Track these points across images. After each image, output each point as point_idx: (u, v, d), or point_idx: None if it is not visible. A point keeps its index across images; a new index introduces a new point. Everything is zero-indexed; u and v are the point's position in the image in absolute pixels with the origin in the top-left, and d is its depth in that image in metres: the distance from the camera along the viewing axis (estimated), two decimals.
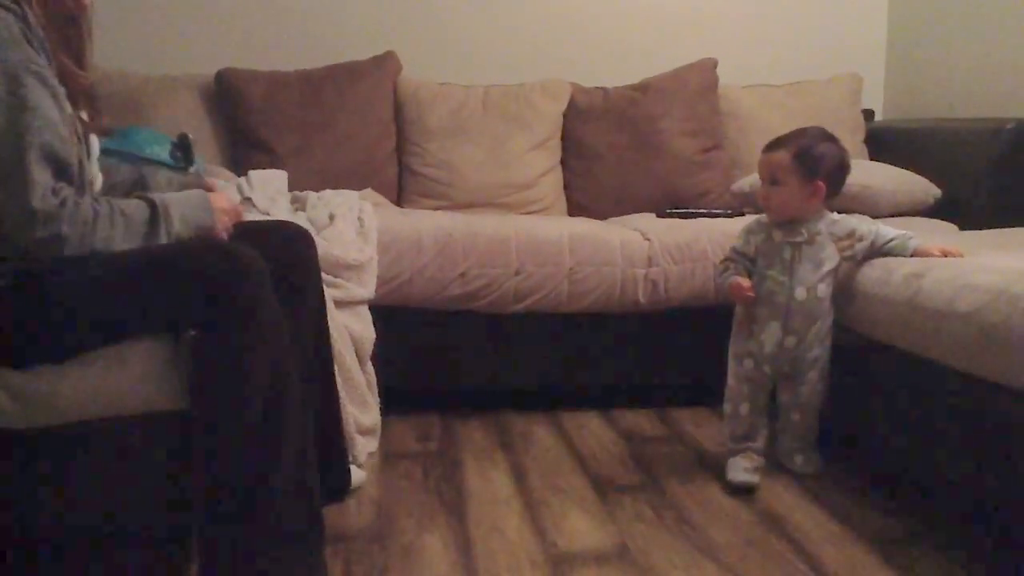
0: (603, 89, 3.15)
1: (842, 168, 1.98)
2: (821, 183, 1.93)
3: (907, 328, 1.79)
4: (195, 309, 1.36)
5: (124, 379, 1.41)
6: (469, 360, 2.49)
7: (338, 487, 1.89)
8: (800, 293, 1.95)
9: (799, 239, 1.96)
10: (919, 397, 1.81)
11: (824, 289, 1.97)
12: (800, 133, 1.98)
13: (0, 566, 1.49)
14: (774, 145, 1.98)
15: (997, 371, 1.54)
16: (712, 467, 2.12)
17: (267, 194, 2.43)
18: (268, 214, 2.31)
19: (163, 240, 1.45)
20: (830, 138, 1.99)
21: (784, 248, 1.97)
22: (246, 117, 2.93)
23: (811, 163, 1.93)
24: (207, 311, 1.36)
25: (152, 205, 1.45)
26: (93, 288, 1.37)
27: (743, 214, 2.76)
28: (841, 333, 2.02)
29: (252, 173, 2.52)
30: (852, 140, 3.16)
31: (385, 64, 3.09)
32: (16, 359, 1.38)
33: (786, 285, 1.96)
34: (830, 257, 1.97)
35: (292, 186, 2.62)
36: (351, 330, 2.11)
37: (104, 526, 1.46)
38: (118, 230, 1.40)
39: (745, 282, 1.97)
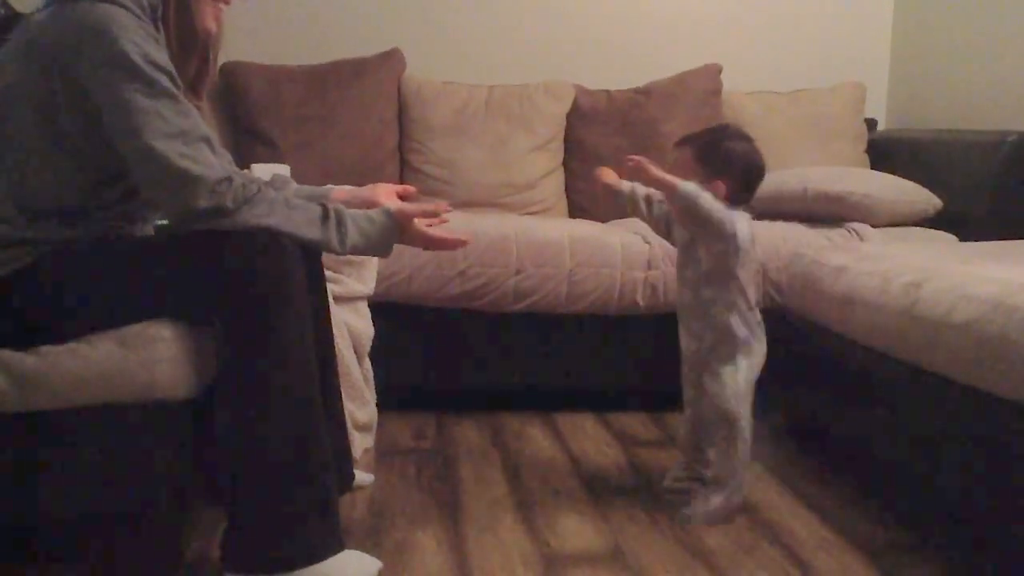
0: (606, 92, 3.15)
1: (750, 170, 1.84)
2: (720, 182, 1.80)
3: (904, 338, 1.79)
4: (224, 293, 1.40)
5: (128, 365, 1.42)
6: (466, 359, 2.49)
7: (341, 483, 1.90)
8: (685, 295, 1.87)
9: (685, 239, 1.88)
10: (916, 406, 1.81)
11: (709, 293, 1.83)
12: (711, 130, 1.89)
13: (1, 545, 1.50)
14: (682, 140, 1.87)
15: (993, 382, 1.54)
16: None
17: None
18: None
19: (335, 244, 1.51)
20: (742, 138, 1.86)
21: (680, 247, 1.90)
22: (249, 111, 2.93)
23: (712, 161, 1.81)
24: (236, 295, 1.40)
25: (324, 208, 1.51)
26: (115, 271, 1.43)
27: None
28: (840, 343, 2.02)
29: (255, 166, 2.52)
30: (854, 149, 3.17)
31: (389, 61, 3.09)
32: (23, 340, 1.40)
33: (679, 285, 1.91)
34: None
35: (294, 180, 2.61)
36: (350, 326, 2.11)
37: (103, 509, 1.47)
38: (278, 216, 1.45)
39: (611, 176, 1.91)
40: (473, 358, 2.49)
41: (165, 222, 1.64)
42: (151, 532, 1.50)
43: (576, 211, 3.07)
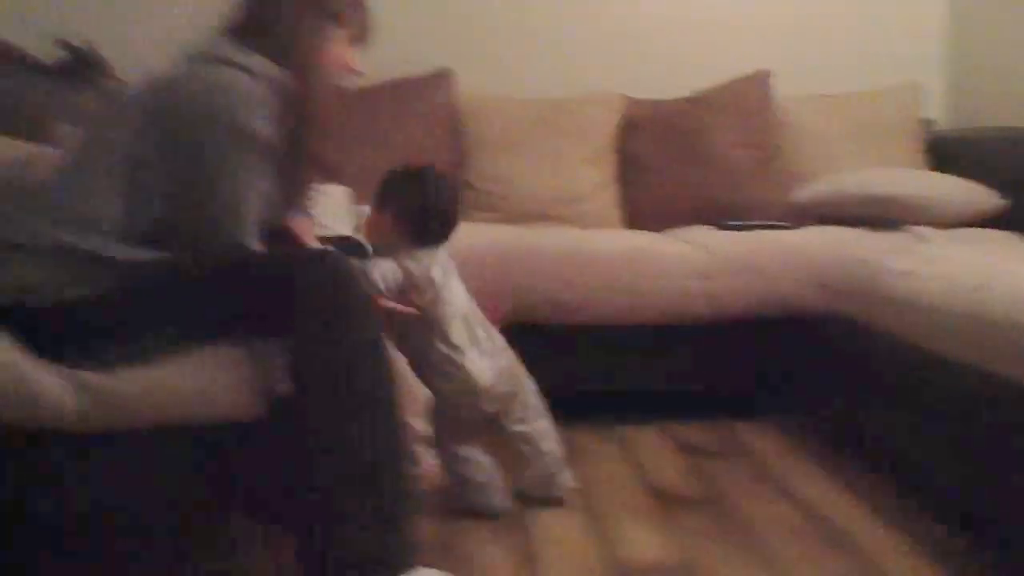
0: (656, 102, 3.15)
1: (423, 216, 1.89)
2: (389, 220, 1.90)
3: (972, 341, 1.76)
4: (289, 313, 1.43)
5: (199, 385, 1.45)
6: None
7: None
8: None
9: None
10: (985, 413, 1.77)
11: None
12: (401, 171, 1.95)
13: (39, 552, 1.53)
14: None
15: None
16: (776, 481, 2.11)
17: (329, 210, 2.46)
18: (330, 229, 2.35)
19: None
20: (423, 181, 1.91)
21: None
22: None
23: (382, 197, 1.92)
24: (303, 315, 1.42)
25: None
26: (186, 292, 1.48)
27: (801, 226, 2.73)
28: (905, 349, 1.99)
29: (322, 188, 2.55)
30: (911, 150, 3.12)
31: (441, 80, 3.13)
32: (98, 360, 1.43)
33: None
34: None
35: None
36: None
37: (165, 524, 1.52)
38: None
39: None
40: (534, 371, 2.50)
41: None
42: (214, 549, 1.53)
43: (630, 222, 3.06)
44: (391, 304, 1.77)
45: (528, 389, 1.99)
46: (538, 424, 1.99)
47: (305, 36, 1.61)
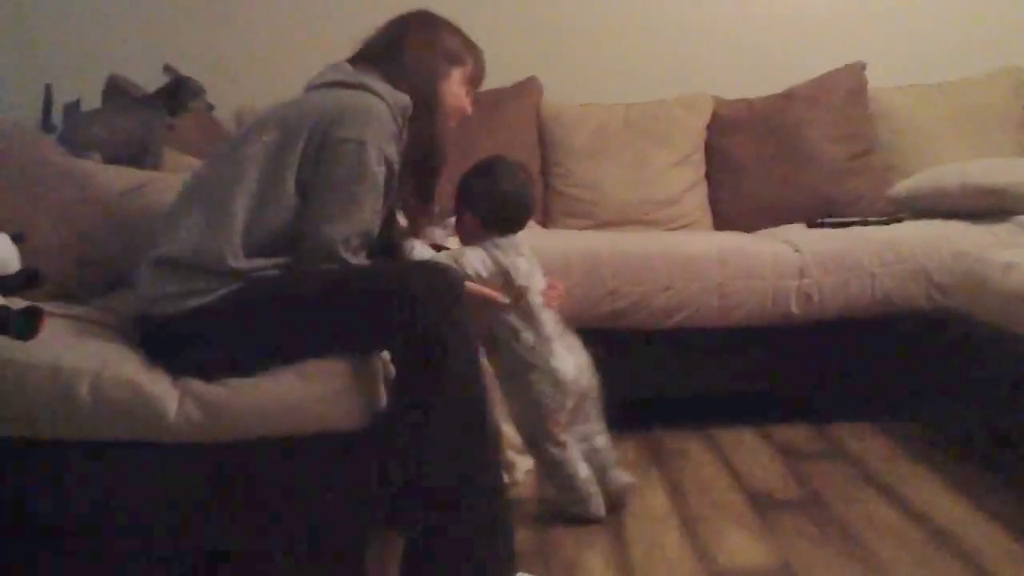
0: (746, 100, 3.11)
1: (493, 206, 1.92)
2: (470, 217, 1.93)
3: None
4: (389, 323, 1.48)
5: (307, 397, 1.50)
6: (616, 377, 2.50)
7: None
8: None
9: None
10: None
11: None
12: (472, 167, 1.98)
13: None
14: None
15: None
16: (876, 482, 2.06)
17: None
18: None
19: None
20: (489, 172, 1.95)
21: None
22: None
23: (461, 196, 1.95)
24: (402, 325, 1.46)
25: None
26: (294, 304, 1.53)
27: (900, 220, 2.66)
28: (1012, 343, 1.92)
29: None
30: (1016, 139, 3.00)
31: (527, 89, 3.16)
32: (209, 371, 1.50)
33: None
34: None
35: None
36: None
37: (282, 536, 1.57)
38: None
39: None
40: (623, 376, 2.49)
41: None
42: (331, 559, 1.57)
43: (722, 223, 3.03)
44: (485, 290, 1.80)
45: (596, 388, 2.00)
46: (597, 423, 2.00)
47: (427, 71, 1.68)
